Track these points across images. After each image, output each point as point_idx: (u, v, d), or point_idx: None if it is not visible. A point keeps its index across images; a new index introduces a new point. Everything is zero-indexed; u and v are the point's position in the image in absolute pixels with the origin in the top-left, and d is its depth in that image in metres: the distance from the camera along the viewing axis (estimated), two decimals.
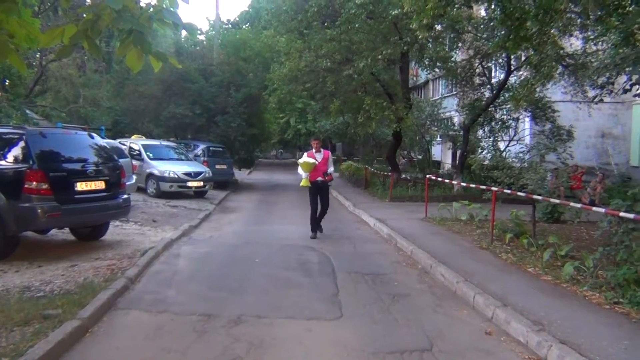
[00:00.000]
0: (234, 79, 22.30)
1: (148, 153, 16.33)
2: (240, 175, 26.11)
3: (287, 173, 33.80)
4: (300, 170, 9.76)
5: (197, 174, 15.87)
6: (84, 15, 3.29)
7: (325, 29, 15.94)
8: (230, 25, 47.05)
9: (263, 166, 41.88)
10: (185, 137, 23.20)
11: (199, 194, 16.15)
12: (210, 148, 19.77)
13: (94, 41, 3.34)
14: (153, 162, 15.82)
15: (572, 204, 7.70)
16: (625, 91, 8.10)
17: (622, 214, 5.88)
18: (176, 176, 15.37)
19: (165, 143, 18.28)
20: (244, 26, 44.03)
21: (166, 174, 15.34)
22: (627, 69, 7.52)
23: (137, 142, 17.01)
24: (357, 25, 14.51)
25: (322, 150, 9.92)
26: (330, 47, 15.07)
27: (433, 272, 7.34)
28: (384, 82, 18.00)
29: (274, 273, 7.10)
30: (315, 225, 10.01)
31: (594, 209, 6.98)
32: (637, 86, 8.83)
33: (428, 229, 10.69)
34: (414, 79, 30.57)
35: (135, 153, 16.07)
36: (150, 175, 15.54)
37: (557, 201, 8.13)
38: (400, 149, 21.66)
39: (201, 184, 15.93)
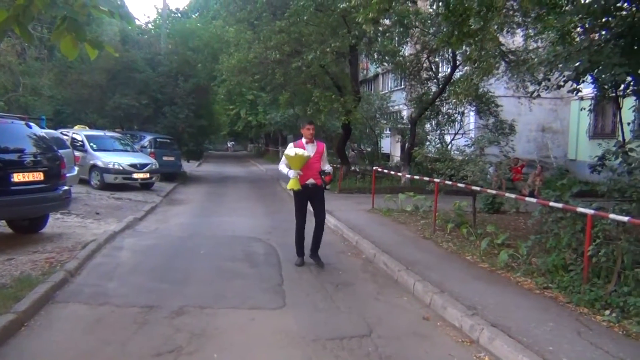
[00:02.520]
0: (182, 69, 21.94)
1: (91, 144, 15.87)
2: (189, 167, 25.75)
3: (237, 165, 33.63)
4: (283, 166, 7.11)
5: (143, 165, 15.55)
6: (16, 1, 3.20)
7: (274, 21, 15.87)
8: (179, 15, 46.09)
9: (213, 158, 41.44)
10: (132, 128, 22.66)
11: (145, 186, 15.83)
12: (158, 139, 19.38)
13: (26, 27, 3.26)
14: (97, 153, 15.39)
15: (507, 194, 8.05)
16: (559, 87, 8.48)
17: (551, 203, 6.20)
18: (121, 168, 15.02)
19: (109, 134, 17.79)
20: (193, 15, 43.21)
21: (110, 166, 14.95)
22: (559, 66, 7.88)
23: (80, 133, 16.49)
24: (305, 17, 14.53)
25: (315, 141, 7.15)
26: (280, 39, 15.03)
27: (377, 261, 7.52)
28: (333, 75, 18.12)
29: (220, 264, 7.10)
30: (302, 246, 7.26)
31: (528, 199, 7.33)
32: (570, 82, 9.29)
33: (374, 219, 10.90)
34: (364, 72, 30.90)
35: (78, 144, 15.60)
36: (94, 167, 15.12)
37: (494, 192, 8.47)
38: (349, 142, 21.88)
39: (147, 175, 15.63)
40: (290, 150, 6.78)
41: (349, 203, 13.30)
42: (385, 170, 15.10)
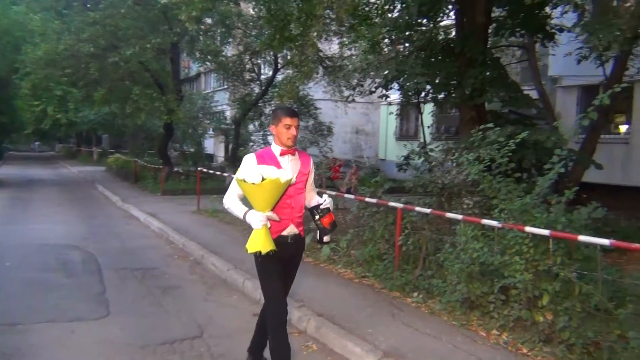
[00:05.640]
0: None
1: None
2: None
3: (45, 167, 30.50)
4: (233, 201, 3.53)
5: None
6: None
7: (87, 11, 14.75)
8: None
9: (16, 160, 37.03)
10: None
11: None
12: None
13: None
14: None
15: (328, 192, 8.55)
16: (371, 92, 9.27)
17: (367, 199, 6.78)
18: None
19: None
20: None
21: None
22: (371, 74, 8.61)
23: None
24: (123, 10, 13.75)
25: (297, 152, 3.63)
26: (94, 31, 14.00)
27: (205, 262, 7.47)
28: (154, 72, 17.38)
29: (30, 276, 6.44)
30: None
31: (346, 196, 7.90)
32: (380, 89, 10.21)
33: (200, 221, 10.77)
34: (186, 70, 30.19)
35: None
36: None
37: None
38: (172, 142, 21.25)
39: None
40: (250, 172, 3.25)
41: (173, 205, 12.95)
42: (211, 171, 14.99)
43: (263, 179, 3.18)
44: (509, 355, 4.15)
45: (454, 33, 10.56)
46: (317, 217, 3.55)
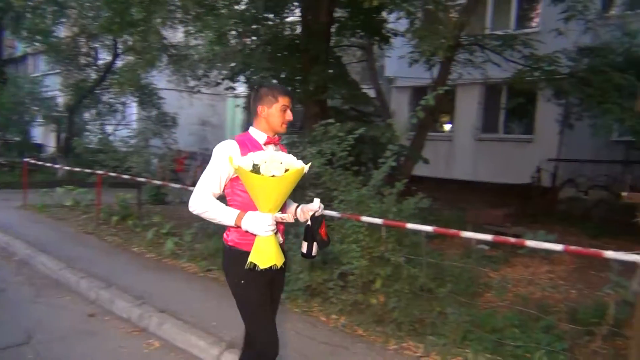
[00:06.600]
0: None
1: None
2: None
3: None
4: (210, 203, 2.60)
5: None
6: None
7: None
8: None
9: None
10: None
11: None
12: None
13: None
14: None
15: (172, 185, 8.32)
16: (217, 84, 9.17)
17: None
18: None
19: None
20: None
21: None
22: (217, 65, 8.52)
23: None
24: None
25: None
26: None
27: (33, 262, 6.81)
28: None
29: None
30: None
31: (191, 188, 7.73)
32: (227, 81, 10.14)
33: (28, 217, 9.80)
34: (9, 50, 27.09)
35: None
36: None
37: (159, 182, 8.67)
38: None
39: None
40: (264, 160, 2.49)
41: None
42: (40, 162, 13.67)
43: (286, 171, 2.48)
44: (346, 336, 4.43)
45: (299, 30, 10.86)
46: (316, 227, 2.70)
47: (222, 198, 2.70)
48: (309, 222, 2.71)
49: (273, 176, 2.44)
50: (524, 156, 13.18)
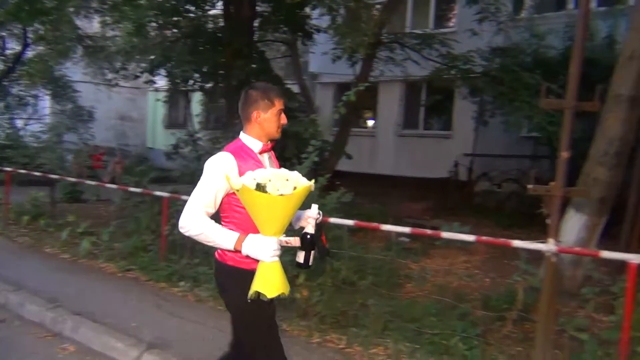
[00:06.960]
0: None
1: None
2: None
3: None
4: (206, 224, 2.36)
5: None
6: None
7: None
8: None
9: None
10: None
11: None
12: None
13: None
14: None
15: (88, 182, 7.98)
16: (136, 77, 8.88)
17: (131, 189, 6.51)
18: None
19: None
20: None
21: None
22: (136, 57, 8.25)
23: None
24: None
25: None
26: None
27: None
28: None
29: None
30: None
31: (109, 186, 7.46)
32: (146, 74, 9.83)
33: None
34: None
35: None
36: None
37: (74, 180, 8.28)
38: None
39: None
40: (266, 178, 2.24)
41: None
42: None
43: (295, 188, 2.25)
44: None
45: (222, 23, 10.69)
46: (317, 235, 2.48)
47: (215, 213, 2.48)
48: (305, 230, 2.43)
49: (281, 195, 2.22)
50: (442, 151, 13.69)
